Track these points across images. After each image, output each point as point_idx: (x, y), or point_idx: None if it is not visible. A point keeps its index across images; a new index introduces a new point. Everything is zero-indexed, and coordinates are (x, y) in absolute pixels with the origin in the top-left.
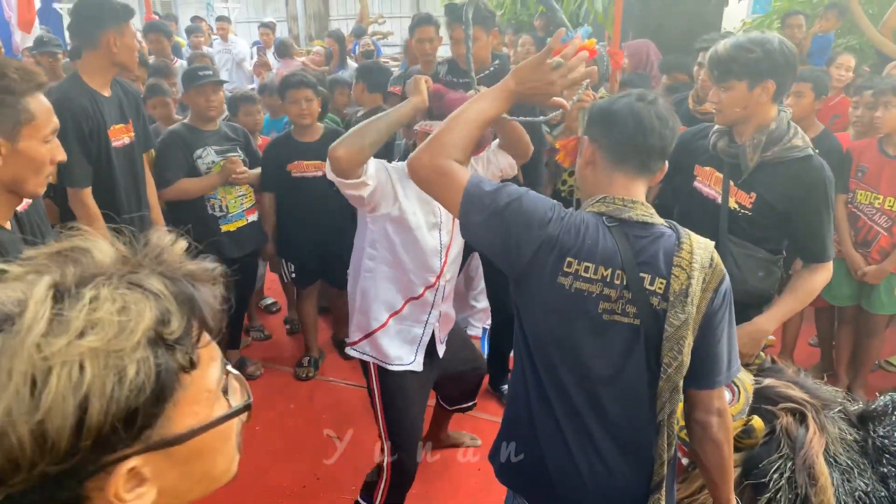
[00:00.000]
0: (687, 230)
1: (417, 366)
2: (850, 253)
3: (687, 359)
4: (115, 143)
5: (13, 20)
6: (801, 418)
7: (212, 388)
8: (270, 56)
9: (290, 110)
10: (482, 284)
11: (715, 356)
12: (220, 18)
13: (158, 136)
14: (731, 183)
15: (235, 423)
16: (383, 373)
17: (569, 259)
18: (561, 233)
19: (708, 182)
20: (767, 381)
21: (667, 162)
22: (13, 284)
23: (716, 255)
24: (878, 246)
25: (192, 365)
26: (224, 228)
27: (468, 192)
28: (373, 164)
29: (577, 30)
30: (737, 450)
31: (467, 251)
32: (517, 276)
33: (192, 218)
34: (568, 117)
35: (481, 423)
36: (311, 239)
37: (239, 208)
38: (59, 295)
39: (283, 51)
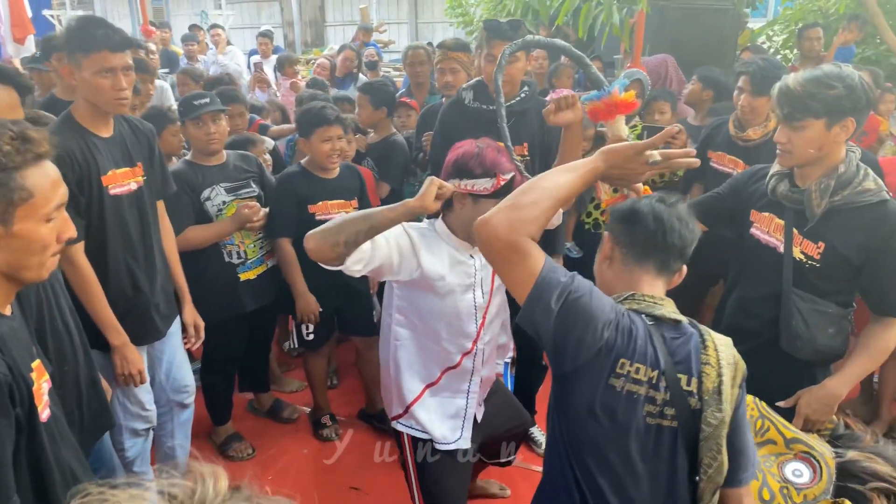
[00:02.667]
0: (706, 327)
1: (465, 442)
2: None
3: (725, 458)
4: (115, 191)
5: (2, 30)
6: None
7: None
8: (268, 68)
9: (320, 149)
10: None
11: (743, 452)
12: (213, 26)
13: None
14: (796, 231)
15: None
16: (417, 445)
17: (622, 360)
18: (617, 335)
19: (767, 229)
20: (850, 454)
21: (684, 266)
22: None
23: (735, 351)
24: None
25: None
26: (243, 277)
27: (544, 278)
28: (383, 239)
29: (613, 84)
30: None
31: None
32: (566, 372)
33: (207, 268)
34: None
35: (510, 472)
36: (332, 285)
37: (258, 253)
38: None
39: (284, 67)
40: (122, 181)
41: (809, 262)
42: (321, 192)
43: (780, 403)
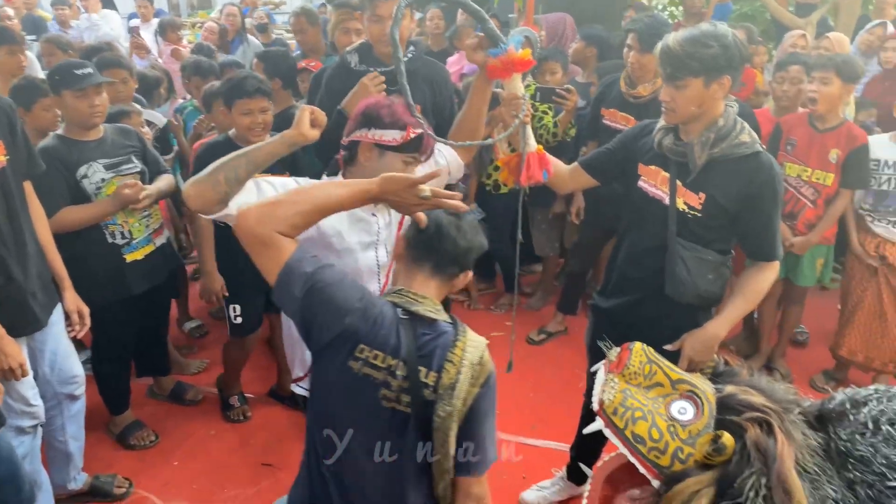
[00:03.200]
0: (465, 327)
1: None
2: None
3: (452, 447)
4: None
5: None
6: (769, 428)
7: None
8: (148, 33)
9: (240, 122)
10: None
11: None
12: None
13: None
14: (679, 183)
15: None
16: None
17: (361, 346)
18: (361, 323)
19: (654, 182)
20: (728, 389)
21: (470, 272)
22: None
23: (486, 353)
24: (804, 218)
25: None
26: (129, 258)
27: (289, 268)
28: (264, 187)
29: (508, 40)
30: (708, 467)
31: None
32: (314, 352)
33: (88, 250)
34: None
35: None
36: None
37: (144, 232)
38: None
39: (166, 33)
40: None
41: (692, 212)
42: None
43: (667, 347)
